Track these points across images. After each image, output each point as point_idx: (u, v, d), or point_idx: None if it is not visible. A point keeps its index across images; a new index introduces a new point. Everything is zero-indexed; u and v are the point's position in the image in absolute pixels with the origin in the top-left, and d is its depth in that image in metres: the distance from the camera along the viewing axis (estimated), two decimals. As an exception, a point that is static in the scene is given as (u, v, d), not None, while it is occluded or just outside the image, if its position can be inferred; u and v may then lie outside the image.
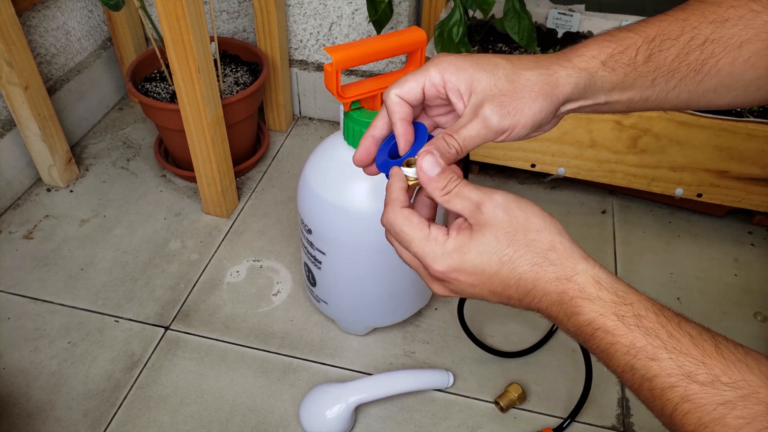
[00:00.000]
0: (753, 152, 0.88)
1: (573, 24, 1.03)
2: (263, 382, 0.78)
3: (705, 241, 0.98)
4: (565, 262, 0.38)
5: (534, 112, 0.41)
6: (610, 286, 0.38)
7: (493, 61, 0.42)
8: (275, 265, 0.93)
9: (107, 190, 1.05)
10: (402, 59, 1.11)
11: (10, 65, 0.89)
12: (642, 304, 0.37)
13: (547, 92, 0.42)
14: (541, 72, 0.42)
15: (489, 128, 0.41)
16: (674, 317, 0.36)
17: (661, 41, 0.43)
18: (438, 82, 0.43)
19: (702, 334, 0.35)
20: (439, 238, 0.40)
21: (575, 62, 0.43)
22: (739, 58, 0.43)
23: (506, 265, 0.39)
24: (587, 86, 0.43)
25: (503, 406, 0.75)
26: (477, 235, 0.39)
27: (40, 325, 0.84)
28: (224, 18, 1.17)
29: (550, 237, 0.39)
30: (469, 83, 0.42)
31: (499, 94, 0.41)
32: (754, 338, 0.84)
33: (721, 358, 0.34)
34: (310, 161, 0.71)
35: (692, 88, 0.44)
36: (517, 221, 0.39)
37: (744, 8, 0.43)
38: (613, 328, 0.37)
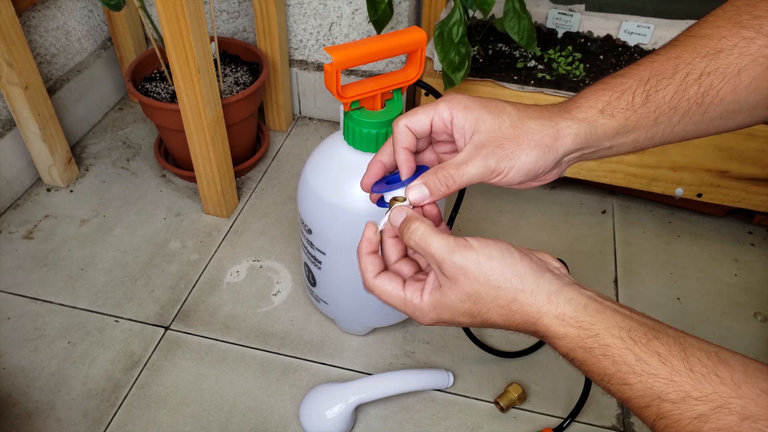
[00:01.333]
0: (753, 152, 0.88)
1: (573, 24, 1.03)
2: (263, 382, 0.78)
3: (705, 241, 0.98)
4: (527, 310, 0.41)
5: (530, 160, 0.43)
6: (575, 320, 0.39)
7: (500, 106, 0.44)
8: (275, 265, 0.93)
9: (107, 190, 1.05)
10: (402, 59, 1.11)
11: (10, 65, 0.89)
12: (609, 332, 0.38)
13: (546, 144, 0.43)
14: (544, 123, 0.44)
15: (486, 168, 0.43)
16: (643, 337, 0.37)
17: (657, 81, 0.44)
18: (446, 117, 0.45)
19: (672, 350, 0.36)
20: (415, 300, 0.44)
21: (574, 114, 0.44)
22: (740, 84, 0.43)
23: (476, 317, 0.43)
24: (588, 135, 0.44)
25: (503, 406, 0.75)
26: (443, 298, 0.43)
27: (40, 325, 0.84)
28: (224, 18, 1.17)
29: (511, 289, 0.41)
30: (474, 123, 0.44)
31: (501, 138, 0.43)
32: (754, 338, 0.84)
33: (690, 372, 0.35)
34: (310, 161, 0.71)
35: (697, 119, 0.45)
36: (477, 282, 0.41)
37: (736, 37, 0.43)
38: (582, 359, 0.39)
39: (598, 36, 1.02)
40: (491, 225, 1.00)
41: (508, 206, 1.03)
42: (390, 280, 0.46)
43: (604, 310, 0.39)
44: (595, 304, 0.40)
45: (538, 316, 0.40)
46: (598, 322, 0.39)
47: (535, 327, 0.41)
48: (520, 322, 0.41)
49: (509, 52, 1.00)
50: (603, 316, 0.39)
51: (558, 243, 0.97)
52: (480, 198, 1.04)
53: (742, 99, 0.44)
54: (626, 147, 0.46)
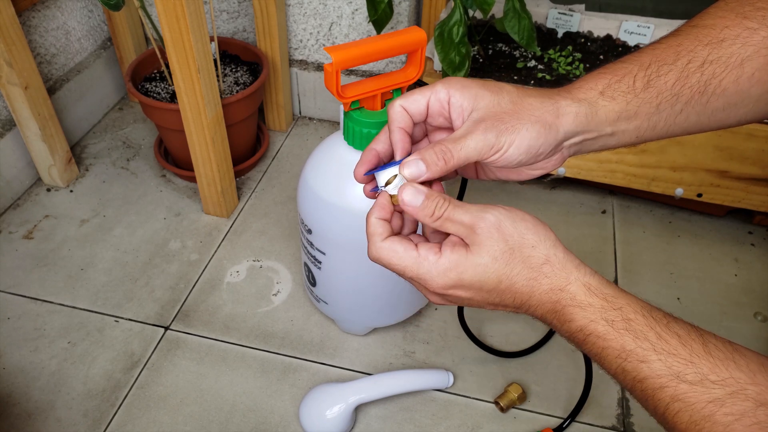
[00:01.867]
0: (753, 152, 0.88)
1: (573, 24, 1.03)
2: (263, 382, 0.78)
3: (705, 241, 0.98)
4: (558, 273, 0.40)
5: (531, 135, 0.41)
6: (600, 291, 0.39)
7: (499, 85, 0.43)
8: (275, 265, 0.93)
9: (107, 190, 1.05)
10: (402, 59, 1.11)
11: (10, 65, 0.89)
12: (631, 308, 0.38)
13: (548, 121, 0.42)
14: (544, 101, 0.43)
15: (486, 142, 0.41)
16: (663, 318, 0.38)
17: (658, 67, 0.43)
18: (443, 97, 0.43)
19: (690, 333, 0.37)
20: (430, 257, 0.41)
21: (574, 94, 0.43)
22: (743, 75, 0.43)
23: (504, 281, 0.41)
24: (589, 117, 0.43)
25: (503, 406, 0.75)
26: (473, 256, 0.40)
27: (40, 325, 0.84)
28: (224, 18, 1.17)
29: (545, 252, 0.40)
30: (473, 100, 0.42)
31: (501, 112, 0.42)
32: (754, 338, 0.84)
33: (708, 356, 0.35)
34: (310, 161, 0.71)
35: (699, 110, 0.44)
36: (513, 239, 0.40)
37: (739, 27, 0.43)
38: (603, 333, 0.38)
39: (598, 36, 1.02)
40: (491, 225, 0.99)
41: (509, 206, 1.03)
42: (401, 241, 0.42)
43: (623, 291, 0.40)
44: (615, 288, 0.40)
45: (567, 282, 0.39)
46: (620, 297, 0.39)
47: (559, 295, 0.39)
48: (546, 288, 0.40)
49: (509, 52, 1.00)
50: (624, 294, 0.39)
51: (558, 243, 0.97)
52: (480, 198, 1.04)
53: (744, 90, 0.43)
54: (628, 135, 0.45)
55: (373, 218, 0.43)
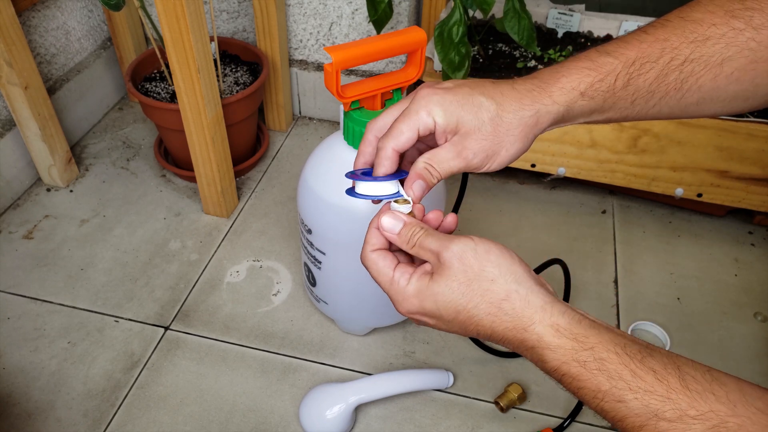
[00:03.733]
0: (753, 152, 0.88)
1: (573, 24, 1.03)
2: (263, 382, 0.78)
3: (705, 241, 0.98)
4: (520, 313, 0.39)
5: (511, 153, 0.44)
6: (570, 332, 0.38)
7: (477, 102, 0.43)
8: (275, 265, 0.93)
9: (107, 190, 1.05)
10: (402, 59, 1.11)
11: (10, 65, 0.89)
12: (603, 346, 0.37)
13: (526, 134, 0.44)
14: (523, 115, 0.44)
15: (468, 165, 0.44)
16: (638, 353, 0.36)
17: (641, 65, 0.43)
18: (429, 124, 0.44)
19: (667, 367, 0.36)
20: (401, 282, 0.43)
21: (555, 98, 0.44)
22: (721, 74, 0.43)
23: (462, 313, 0.41)
24: (565, 115, 0.45)
25: (503, 406, 0.75)
26: (434, 284, 0.41)
27: (40, 325, 0.84)
28: (224, 18, 1.17)
29: (505, 286, 0.40)
30: (455, 124, 0.43)
31: (482, 138, 0.43)
32: (754, 338, 0.84)
33: (686, 390, 0.34)
34: (310, 161, 0.71)
35: (673, 104, 0.45)
36: (472, 271, 0.40)
37: (725, 26, 0.42)
38: (576, 374, 0.37)
39: (598, 36, 1.02)
40: (491, 225, 0.99)
41: (508, 206, 1.03)
42: (385, 257, 0.44)
43: (597, 326, 0.38)
44: (588, 321, 0.39)
45: (530, 322, 0.39)
46: (592, 335, 0.38)
47: (524, 335, 0.39)
48: (508, 326, 0.40)
49: (509, 52, 1.00)
50: (597, 331, 0.38)
51: (558, 243, 0.97)
52: (480, 198, 1.04)
53: (721, 88, 0.44)
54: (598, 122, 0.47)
55: (372, 227, 0.45)
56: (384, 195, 0.45)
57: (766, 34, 0.42)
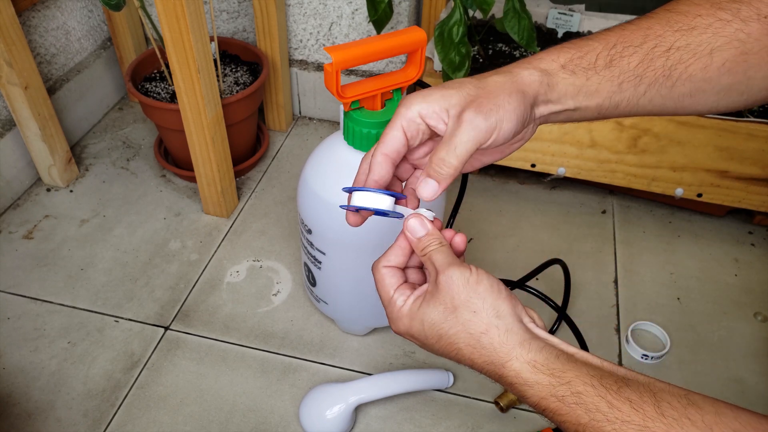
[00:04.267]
0: (753, 152, 0.88)
1: (573, 24, 1.03)
2: (263, 382, 0.78)
3: (705, 241, 0.98)
4: (497, 348, 0.40)
5: (514, 106, 0.41)
6: (547, 367, 0.39)
7: (457, 81, 0.43)
8: (275, 265, 0.93)
9: (107, 190, 1.05)
10: (402, 59, 1.11)
11: (10, 65, 0.89)
12: (580, 380, 0.38)
13: (518, 89, 0.42)
14: (505, 75, 0.43)
15: (477, 129, 0.41)
16: (614, 384, 0.37)
17: (623, 48, 0.43)
18: (413, 116, 0.43)
19: (643, 395, 0.36)
20: (398, 302, 0.44)
21: (535, 64, 0.44)
22: (712, 64, 0.43)
23: (444, 338, 0.42)
24: (550, 85, 0.43)
25: (503, 406, 0.75)
26: (423, 306, 0.43)
27: (40, 325, 0.84)
28: (224, 18, 1.17)
29: (486, 320, 0.40)
30: (442, 103, 0.42)
31: (474, 99, 0.42)
32: (754, 338, 0.84)
33: (662, 417, 0.35)
34: (310, 161, 0.71)
35: (665, 93, 0.44)
36: (458, 299, 0.41)
37: (711, 17, 0.42)
38: (556, 408, 0.38)
39: (598, 36, 1.02)
40: (491, 225, 1.00)
41: (508, 206, 1.03)
42: (393, 275, 0.45)
43: (575, 361, 0.39)
44: (566, 356, 0.39)
45: (508, 358, 0.40)
46: (569, 369, 0.38)
47: (502, 370, 0.40)
48: (486, 360, 0.41)
49: (509, 52, 1.00)
50: (574, 365, 0.38)
51: (558, 243, 0.97)
52: (480, 198, 1.04)
53: (714, 79, 0.43)
54: (590, 112, 0.45)
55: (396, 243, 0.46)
56: (376, 207, 0.44)
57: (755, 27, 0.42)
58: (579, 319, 0.84)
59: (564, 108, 0.44)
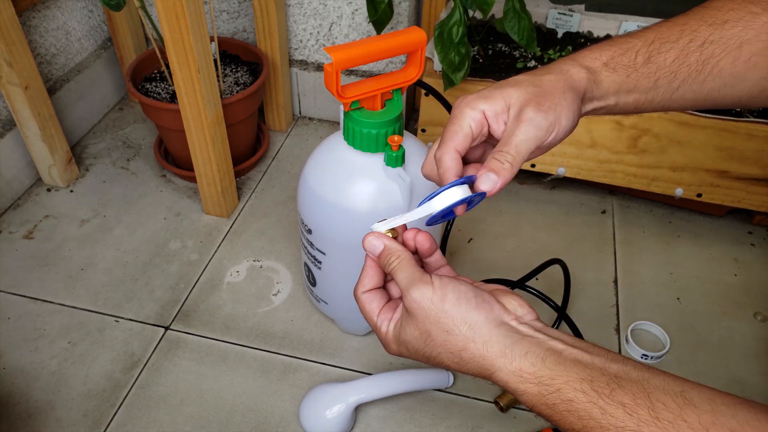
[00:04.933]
0: (753, 152, 0.88)
1: (573, 24, 1.03)
2: (263, 382, 0.78)
3: (705, 241, 0.98)
4: (480, 362, 0.40)
5: (569, 102, 0.43)
6: (533, 376, 0.38)
7: (511, 81, 0.44)
8: (275, 265, 0.93)
9: (107, 190, 1.05)
10: (402, 59, 1.11)
11: (10, 65, 0.89)
12: (570, 386, 0.37)
13: (570, 85, 0.44)
14: (557, 74, 0.44)
15: (537, 127, 0.42)
16: (606, 387, 0.36)
17: (660, 44, 0.45)
18: (479, 117, 0.44)
19: (636, 398, 0.35)
20: (382, 329, 0.45)
21: (580, 61, 0.45)
22: (740, 58, 0.44)
23: (431, 359, 0.42)
24: (595, 83, 0.45)
25: (503, 405, 0.75)
26: (402, 331, 0.43)
27: (40, 325, 0.84)
28: (224, 18, 1.17)
29: (460, 338, 0.40)
30: (503, 102, 0.43)
31: (533, 97, 0.43)
32: (753, 338, 0.84)
33: (656, 421, 0.34)
34: (310, 161, 0.71)
35: (696, 88, 0.45)
36: (429, 321, 0.41)
37: (743, 10, 0.44)
38: (547, 415, 0.38)
39: (598, 36, 1.02)
40: (491, 225, 1.00)
41: (508, 206, 1.03)
42: (372, 299, 0.46)
43: (563, 362, 0.38)
44: (554, 356, 0.38)
45: (493, 369, 0.39)
46: (558, 375, 0.37)
47: (492, 378, 0.40)
48: (475, 371, 0.40)
49: (509, 53, 1.00)
50: (563, 368, 0.37)
51: (558, 243, 0.97)
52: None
53: (741, 73, 0.45)
54: (629, 107, 0.47)
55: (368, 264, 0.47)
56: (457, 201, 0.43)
57: None
58: (579, 319, 0.84)
59: (606, 104, 0.46)
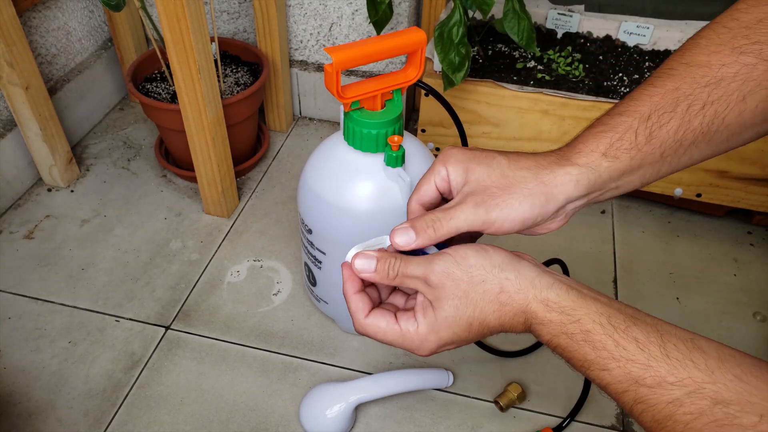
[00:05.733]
0: (753, 152, 0.88)
1: (572, 24, 1.03)
2: (263, 382, 0.78)
3: (704, 241, 0.99)
4: (516, 297, 0.41)
5: (524, 209, 0.42)
6: (558, 305, 0.40)
7: (490, 156, 0.44)
8: (275, 264, 0.93)
9: (108, 190, 1.05)
10: (402, 59, 1.11)
11: (10, 65, 0.89)
12: (589, 318, 0.39)
13: (542, 192, 0.43)
14: (538, 173, 0.43)
15: (475, 216, 0.42)
16: (622, 323, 0.38)
17: (658, 116, 0.43)
18: (444, 175, 0.45)
19: (649, 335, 0.37)
20: (411, 329, 0.43)
21: (574, 160, 0.43)
22: (746, 109, 0.42)
23: (474, 324, 0.42)
24: (592, 180, 0.43)
25: (503, 405, 0.75)
26: (439, 311, 0.42)
27: (40, 324, 0.84)
28: (225, 18, 1.17)
29: (497, 281, 0.41)
30: (464, 174, 0.44)
31: (491, 186, 0.43)
32: (753, 338, 0.85)
33: (666, 358, 0.36)
34: (310, 161, 0.71)
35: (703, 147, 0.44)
36: (463, 282, 0.41)
37: (736, 64, 0.42)
38: (565, 345, 0.39)
39: (598, 36, 1.03)
40: (491, 225, 1.00)
41: (508, 206, 1.03)
42: (383, 315, 0.45)
43: (584, 297, 0.40)
44: (575, 291, 0.40)
45: (526, 302, 0.41)
46: (579, 307, 0.39)
47: (524, 316, 0.41)
48: (511, 313, 0.41)
49: (509, 53, 1.00)
50: (584, 302, 0.39)
51: (558, 243, 0.97)
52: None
53: (748, 123, 0.43)
54: (633, 184, 0.45)
55: (350, 295, 0.46)
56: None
57: None
58: (578, 318, 0.84)
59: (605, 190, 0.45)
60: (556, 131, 0.92)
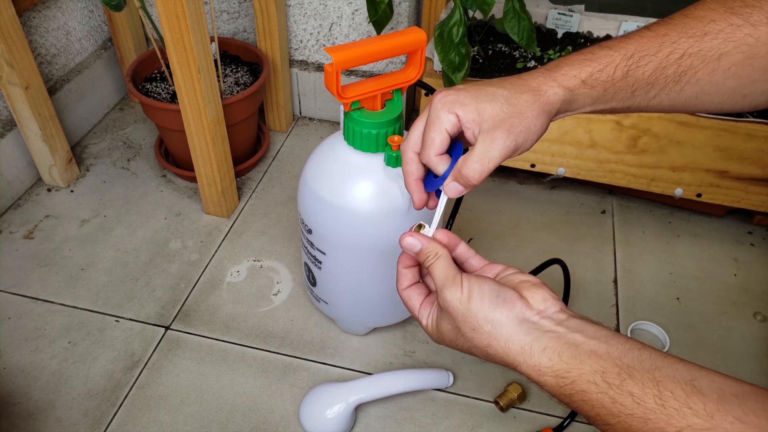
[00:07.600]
0: (753, 152, 0.88)
1: (573, 24, 1.03)
2: (263, 382, 0.78)
3: (705, 241, 0.98)
4: (504, 357, 0.43)
5: (538, 127, 0.46)
6: (551, 370, 0.41)
7: (490, 92, 0.46)
8: (275, 265, 0.93)
9: (108, 190, 1.05)
10: (402, 59, 1.11)
11: (10, 65, 0.89)
12: (583, 378, 0.40)
13: (544, 109, 0.46)
14: (534, 94, 0.46)
15: (507, 148, 0.45)
16: (617, 378, 0.39)
17: (639, 57, 0.46)
18: (453, 120, 0.47)
19: (645, 387, 0.38)
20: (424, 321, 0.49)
21: (559, 81, 0.47)
22: (719, 68, 0.45)
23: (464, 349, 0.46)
24: (570, 101, 0.47)
25: (503, 405, 0.75)
26: (440, 323, 0.47)
27: (40, 324, 0.84)
28: (224, 18, 1.17)
29: (484, 336, 0.44)
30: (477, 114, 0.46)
31: (507, 117, 0.45)
32: (753, 338, 0.85)
33: (662, 409, 0.36)
34: (310, 161, 0.71)
35: (673, 96, 0.47)
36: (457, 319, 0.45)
37: (724, 22, 0.44)
38: (567, 403, 0.42)
39: (598, 36, 1.03)
40: (491, 225, 1.00)
41: (508, 206, 1.03)
42: (413, 294, 0.50)
43: (579, 355, 0.40)
44: (571, 350, 0.41)
45: (515, 364, 0.43)
46: (573, 369, 0.40)
47: (516, 371, 0.43)
48: (501, 364, 0.44)
49: (509, 53, 1.00)
50: (578, 362, 0.40)
51: (558, 243, 0.97)
52: (480, 198, 1.04)
53: (719, 82, 0.45)
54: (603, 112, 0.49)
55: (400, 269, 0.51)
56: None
57: (764, 31, 0.43)
58: (579, 318, 0.84)
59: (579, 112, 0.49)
60: (555, 131, 0.92)
